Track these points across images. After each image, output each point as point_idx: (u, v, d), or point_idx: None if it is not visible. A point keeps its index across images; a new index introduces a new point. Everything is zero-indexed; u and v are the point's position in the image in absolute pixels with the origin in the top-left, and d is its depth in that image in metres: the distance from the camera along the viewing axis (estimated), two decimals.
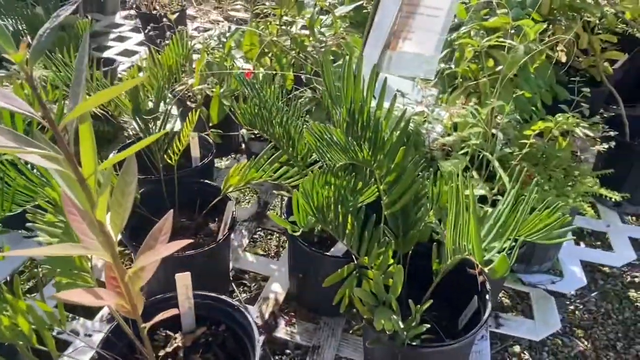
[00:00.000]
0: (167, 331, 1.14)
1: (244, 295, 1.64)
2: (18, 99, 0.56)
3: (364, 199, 1.11)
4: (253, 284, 1.69)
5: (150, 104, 1.53)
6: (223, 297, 1.17)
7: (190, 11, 3.76)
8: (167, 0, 3.31)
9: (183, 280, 1.11)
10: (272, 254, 1.84)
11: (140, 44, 3.77)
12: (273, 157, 1.37)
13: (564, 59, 1.91)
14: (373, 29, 1.19)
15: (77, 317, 1.51)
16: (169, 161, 1.47)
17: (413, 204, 1.12)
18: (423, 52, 1.25)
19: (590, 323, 1.59)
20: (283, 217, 1.46)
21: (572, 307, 1.65)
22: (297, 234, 1.16)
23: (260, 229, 1.95)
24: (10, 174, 1.04)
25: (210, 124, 1.79)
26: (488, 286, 1.14)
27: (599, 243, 1.94)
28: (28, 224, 0.96)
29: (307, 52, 1.73)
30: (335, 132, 0.98)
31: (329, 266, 1.38)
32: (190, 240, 0.67)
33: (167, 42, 2.30)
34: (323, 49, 1.70)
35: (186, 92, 1.63)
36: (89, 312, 1.52)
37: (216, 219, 1.57)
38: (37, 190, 1.01)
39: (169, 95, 1.56)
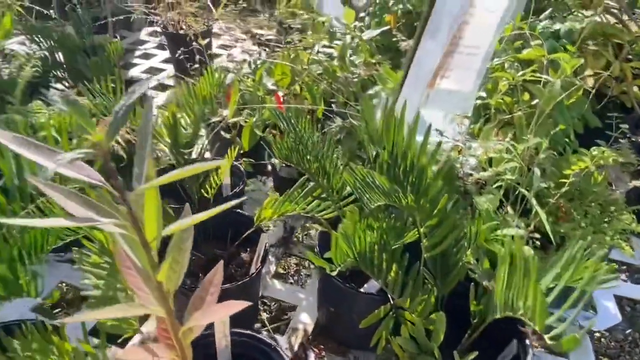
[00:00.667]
0: None
1: (273, 325, 1.64)
2: (90, 169, 0.57)
3: (402, 242, 1.10)
4: (281, 313, 1.69)
5: (183, 131, 1.55)
6: (260, 335, 1.17)
7: (214, 28, 3.82)
8: (192, 20, 3.36)
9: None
10: (299, 282, 1.84)
11: (165, 61, 3.83)
12: (307, 190, 1.37)
13: (590, 82, 1.89)
14: (412, 68, 1.19)
15: None
16: (204, 194, 1.48)
17: (453, 246, 1.10)
18: (461, 89, 1.24)
19: (617, 352, 1.56)
20: (316, 249, 1.45)
21: (597, 334, 1.62)
22: (334, 273, 1.16)
23: (286, 254, 1.95)
24: (54, 211, 1.05)
25: (241, 152, 1.80)
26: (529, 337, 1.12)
27: (636, 276, 1.91)
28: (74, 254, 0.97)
29: (339, 82, 1.74)
30: (378, 177, 0.98)
31: (362, 303, 1.38)
32: (247, 304, 0.67)
33: (196, 65, 2.34)
34: (355, 79, 1.70)
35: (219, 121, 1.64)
36: None
37: (247, 249, 1.58)
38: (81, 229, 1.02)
39: (203, 126, 1.57)
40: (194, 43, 2.32)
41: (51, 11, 3.09)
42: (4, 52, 2.48)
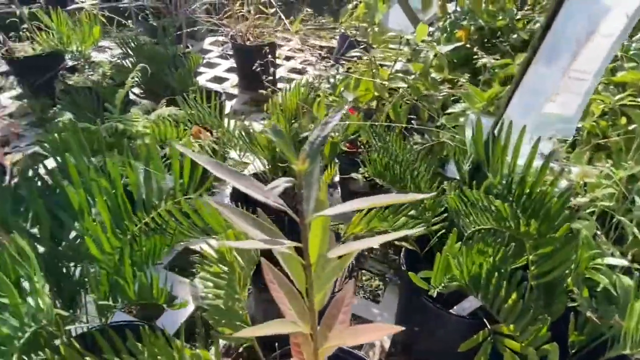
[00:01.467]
0: None
1: None
2: (271, 193, 0.59)
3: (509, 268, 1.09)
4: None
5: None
6: (354, 351, 1.18)
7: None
8: (258, 32, 3.45)
9: None
10: (372, 297, 1.84)
11: (228, 70, 3.94)
12: (399, 208, 1.38)
13: None
14: (519, 90, 1.17)
15: None
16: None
17: (561, 275, 1.08)
18: (565, 113, 1.22)
19: None
20: (403, 267, 1.45)
21: None
22: (433, 293, 1.15)
23: (357, 269, 1.96)
24: (170, 223, 1.10)
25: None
26: None
27: None
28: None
29: (422, 98, 1.74)
30: (494, 202, 0.97)
31: (451, 324, 1.36)
32: (399, 328, 0.68)
33: (270, 77, 2.39)
34: (440, 96, 1.70)
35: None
36: None
37: None
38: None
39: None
40: (269, 55, 2.38)
41: (129, 21, 3.26)
42: (90, 60, 2.62)
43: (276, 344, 1.11)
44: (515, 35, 2.46)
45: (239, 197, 1.79)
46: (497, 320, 1.20)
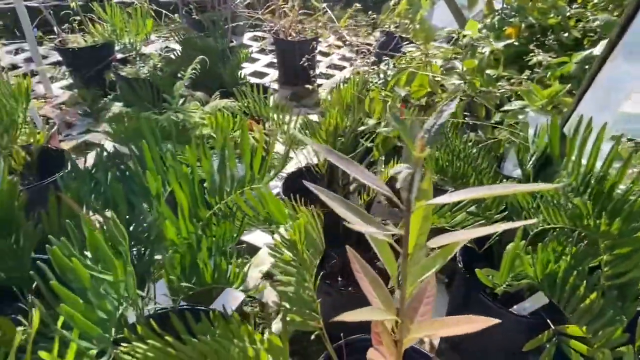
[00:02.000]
0: None
1: None
2: (373, 177, 0.60)
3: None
4: None
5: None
6: (420, 348, 1.18)
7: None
8: (300, 27, 3.46)
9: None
10: None
11: (267, 65, 3.98)
12: (459, 205, 1.36)
13: None
14: (592, 88, 1.15)
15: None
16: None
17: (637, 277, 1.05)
18: None
19: None
20: (460, 265, 1.44)
21: None
22: (499, 291, 1.14)
23: None
24: (242, 207, 1.13)
25: (371, 159, 1.82)
26: None
27: None
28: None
29: (479, 95, 1.72)
30: (576, 201, 0.95)
31: (510, 324, 1.34)
32: (495, 321, 0.68)
33: (317, 72, 2.40)
34: (499, 93, 1.68)
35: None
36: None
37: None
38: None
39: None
40: (315, 50, 2.39)
41: (175, 15, 3.32)
42: (141, 53, 2.69)
43: (341, 334, 1.12)
44: (566, 34, 2.40)
45: (289, 188, 1.81)
46: (562, 320, 1.18)
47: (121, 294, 0.75)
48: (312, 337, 0.99)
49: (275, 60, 3.91)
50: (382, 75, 2.01)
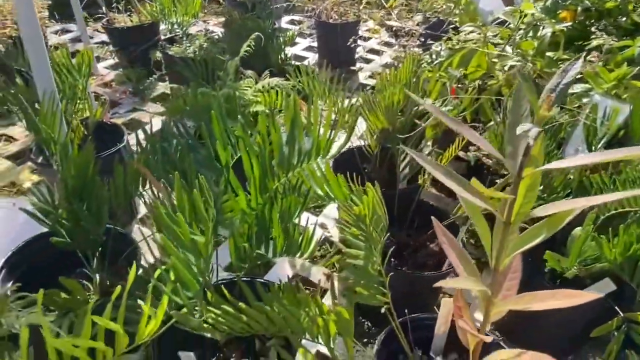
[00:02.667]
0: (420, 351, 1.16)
1: None
2: (487, 142, 0.59)
3: None
4: None
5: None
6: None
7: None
8: (342, 10, 3.42)
9: (448, 305, 1.12)
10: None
11: (307, 49, 3.96)
12: None
13: None
14: None
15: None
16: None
17: None
18: None
19: None
20: None
21: None
22: (570, 274, 1.11)
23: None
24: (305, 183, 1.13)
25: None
26: None
27: None
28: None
29: (541, 76, 1.66)
30: None
31: (569, 309, 1.31)
32: (595, 295, 0.66)
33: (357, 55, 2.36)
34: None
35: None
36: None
37: (435, 241, 1.58)
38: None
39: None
40: (358, 33, 2.35)
41: None
42: (187, 33, 2.71)
43: (406, 310, 1.12)
44: (625, 18, 2.31)
45: (339, 167, 1.80)
46: (629, 308, 1.15)
47: (209, 255, 0.76)
48: (382, 310, 0.99)
49: (314, 44, 3.89)
50: (434, 57, 1.97)
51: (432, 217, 0.83)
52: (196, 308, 0.98)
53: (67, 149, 1.06)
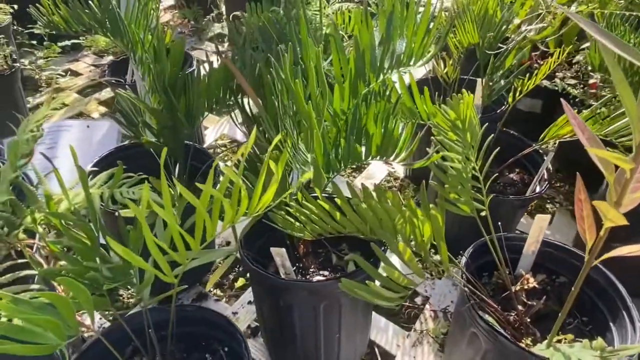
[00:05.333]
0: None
1: None
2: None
3: None
4: None
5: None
6: (570, 247, 1.11)
7: None
8: None
9: (541, 222, 1.07)
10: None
11: None
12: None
13: None
14: None
15: None
16: None
17: None
18: None
19: None
20: None
21: None
22: None
23: None
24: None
25: None
26: None
27: None
28: None
29: None
30: None
31: None
32: None
33: None
34: None
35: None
36: None
37: (516, 170, 1.51)
38: None
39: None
40: None
41: None
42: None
43: (499, 224, 1.07)
44: None
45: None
46: None
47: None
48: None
49: None
50: None
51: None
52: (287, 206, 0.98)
53: (163, 41, 1.05)
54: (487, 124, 1.16)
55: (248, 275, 1.54)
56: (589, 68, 1.57)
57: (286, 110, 0.93)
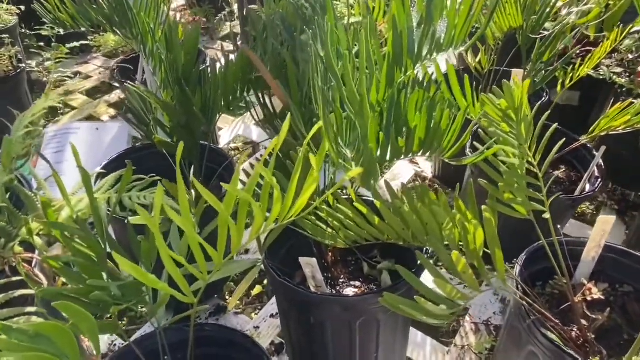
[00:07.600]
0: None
1: None
2: None
3: None
4: None
5: None
6: (636, 253, 0.98)
7: None
8: None
9: (604, 225, 0.94)
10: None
11: None
12: None
13: None
14: None
15: None
16: None
17: None
18: None
19: None
20: None
21: None
22: None
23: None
24: None
25: None
26: None
27: None
28: None
29: None
30: None
31: None
32: None
33: None
34: None
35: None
36: None
37: (562, 167, 1.38)
38: None
39: None
40: None
41: None
42: None
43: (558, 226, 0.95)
44: None
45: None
46: None
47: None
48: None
49: None
50: None
51: None
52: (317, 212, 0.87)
53: (176, 27, 0.94)
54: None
55: (265, 282, 1.43)
56: (637, 55, 1.44)
57: (325, 95, 0.81)
